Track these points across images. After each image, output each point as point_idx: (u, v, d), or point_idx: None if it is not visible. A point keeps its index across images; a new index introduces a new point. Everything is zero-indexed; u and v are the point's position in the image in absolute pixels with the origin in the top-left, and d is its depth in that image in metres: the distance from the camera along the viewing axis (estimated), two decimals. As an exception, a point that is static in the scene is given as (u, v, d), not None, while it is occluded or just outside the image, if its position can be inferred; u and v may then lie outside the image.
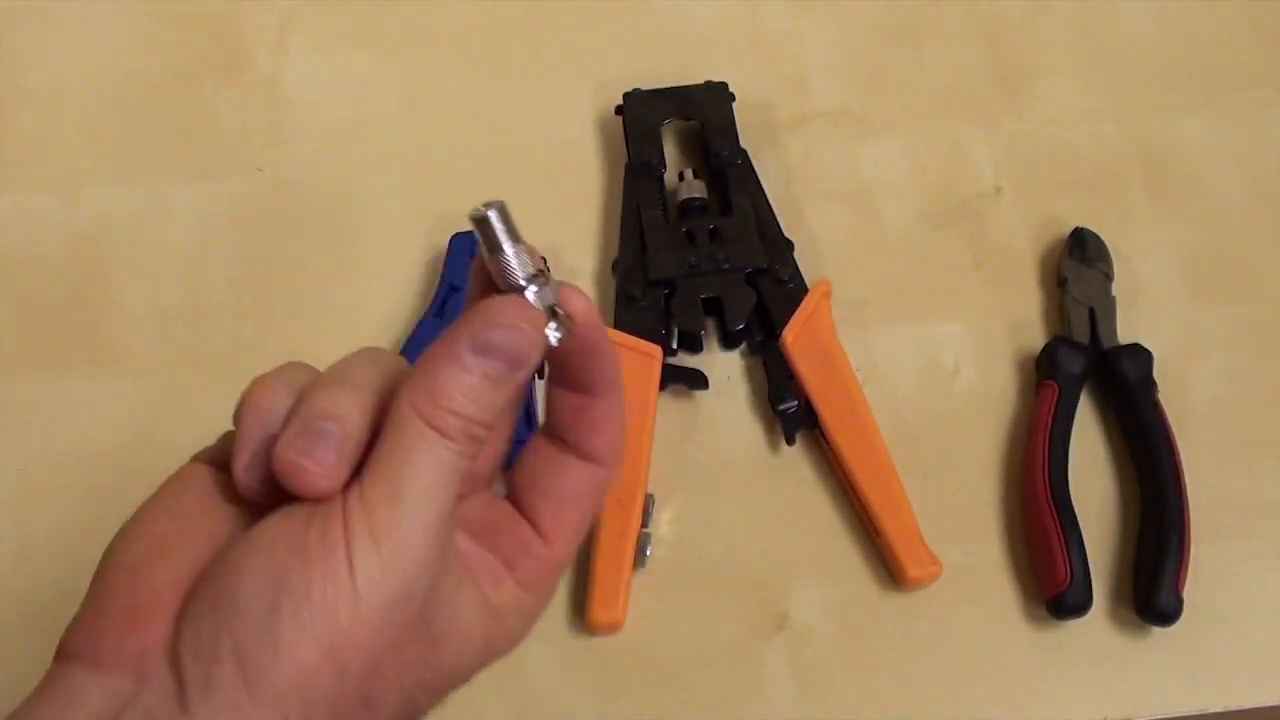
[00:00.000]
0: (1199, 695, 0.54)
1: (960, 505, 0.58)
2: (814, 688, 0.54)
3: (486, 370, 0.32)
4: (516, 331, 0.32)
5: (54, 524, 0.58)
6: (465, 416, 0.31)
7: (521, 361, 0.32)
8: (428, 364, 0.32)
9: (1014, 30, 0.72)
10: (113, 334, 0.62)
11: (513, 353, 0.32)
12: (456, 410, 0.31)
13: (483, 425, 0.32)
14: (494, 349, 0.32)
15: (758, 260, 0.61)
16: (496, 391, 0.32)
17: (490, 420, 0.32)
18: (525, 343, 0.32)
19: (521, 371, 0.32)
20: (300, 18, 0.71)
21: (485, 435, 0.32)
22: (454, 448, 0.31)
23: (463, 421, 0.31)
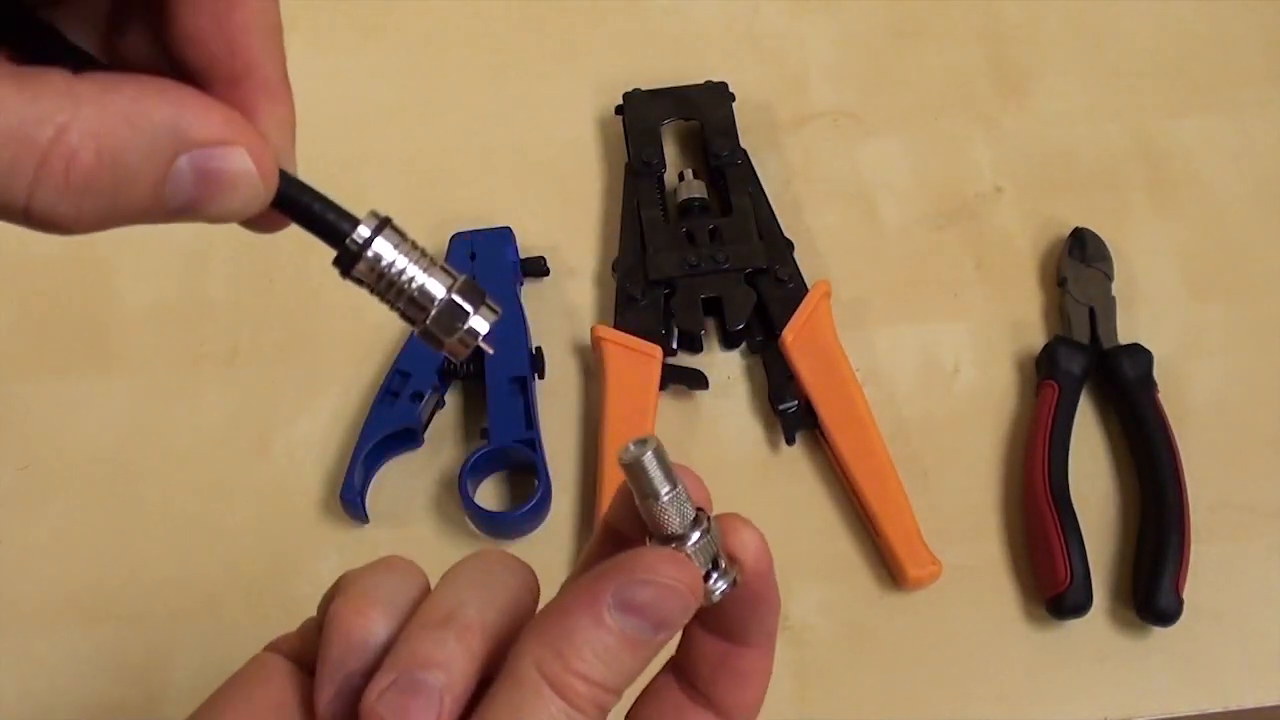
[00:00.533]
0: (1199, 695, 0.54)
1: (960, 505, 0.58)
2: (814, 688, 0.54)
3: (627, 631, 0.27)
4: (671, 592, 0.28)
5: (54, 524, 0.58)
6: (596, 683, 0.27)
7: (670, 625, 0.28)
8: (559, 615, 0.27)
9: (1014, 30, 0.72)
10: (113, 334, 0.62)
11: (663, 616, 0.27)
12: (587, 675, 0.27)
13: (614, 693, 0.27)
14: (642, 609, 0.27)
15: (758, 260, 0.61)
16: (635, 657, 0.27)
17: (622, 688, 0.28)
18: (679, 606, 0.28)
19: (666, 635, 0.28)
20: (300, 17, 0.71)
21: (613, 705, 0.28)
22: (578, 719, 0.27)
23: (593, 689, 0.27)
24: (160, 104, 0.23)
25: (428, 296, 0.28)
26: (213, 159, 0.24)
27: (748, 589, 0.30)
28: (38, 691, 0.54)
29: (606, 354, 0.59)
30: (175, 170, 0.24)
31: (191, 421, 0.59)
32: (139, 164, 0.23)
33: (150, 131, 0.23)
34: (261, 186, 0.25)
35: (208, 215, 0.25)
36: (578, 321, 0.63)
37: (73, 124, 0.22)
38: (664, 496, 0.29)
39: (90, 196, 0.23)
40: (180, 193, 0.24)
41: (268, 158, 0.25)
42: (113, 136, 0.23)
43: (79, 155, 0.22)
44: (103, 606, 0.56)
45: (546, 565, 0.56)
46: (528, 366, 0.59)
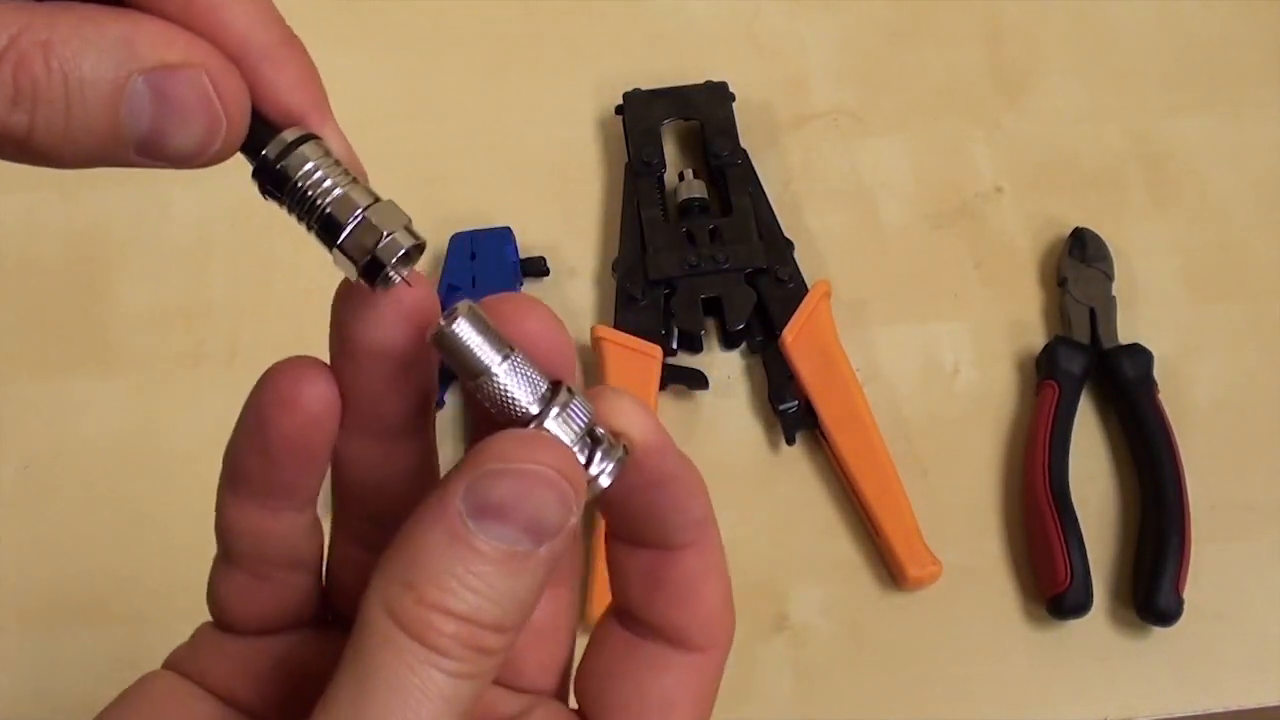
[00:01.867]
0: (1199, 695, 0.54)
1: (960, 505, 0.58)
2: (814, 688, 0.54)
3: (493, 544, 0.22)
4: (535, 480, 0.22)
5: (54, 524, 0.58)
6: (463, 617, 0.21)
7: (547, 526, 0.22)
8: (406, 538, 0.22)
9: (1014, 30, 0.72)
10: (113, 334, 0.62)
11: (533, 514, 0.22)
12: (450, 608, 0.21)
13: (496, 630, 0.22)
14: (503, 509, 0.22)
15: (758, 260, 0.61)
16: (515, 578, 0.22)
17: (509, 623, 0.22)
18: (550, 498, 0.22)
19: (548, 542, 0.22)
20: (299, 17, 0.71)
21: (505, 646, 0.22)
22: (453, 668, 0.21)
23: (462, 626, 0.21)
24: (115, 20, 0.22)
25: (345, 210, 0.25)
26: (169, 79, 0.22)
27: (646, 471, 0.25)
28: (38, 691, 0.54)
29: (606, 354, 0.59)
30: (131, 91, 0.22)
31: (191, 421, 0.59)
32: (91, 77, 0.21)
33: (101, 44, 0.21)
34: (223, 116, 0.23)
35: (173, 149, 0.23)
36: (578, 321, 0.63)
37: (22, 34, 0.21)
38: (495, 368, 0.23)
39: (43, 107, 0.21)
40: (139, 118, 0.22)
41: (235, 87, 0.23)
42: (63, 45, 0.21)
43: (27, 60, 0.21)
44: (103, 606, 0.56)
45: (546, 565, 0.56)
46: (528, 366, 0.59)
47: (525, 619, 0.23)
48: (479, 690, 0.22)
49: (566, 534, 0.23)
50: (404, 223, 0.26)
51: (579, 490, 0.23)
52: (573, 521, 0.23)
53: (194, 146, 0.23)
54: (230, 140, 0.23)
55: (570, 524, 0.23)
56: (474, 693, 0.22)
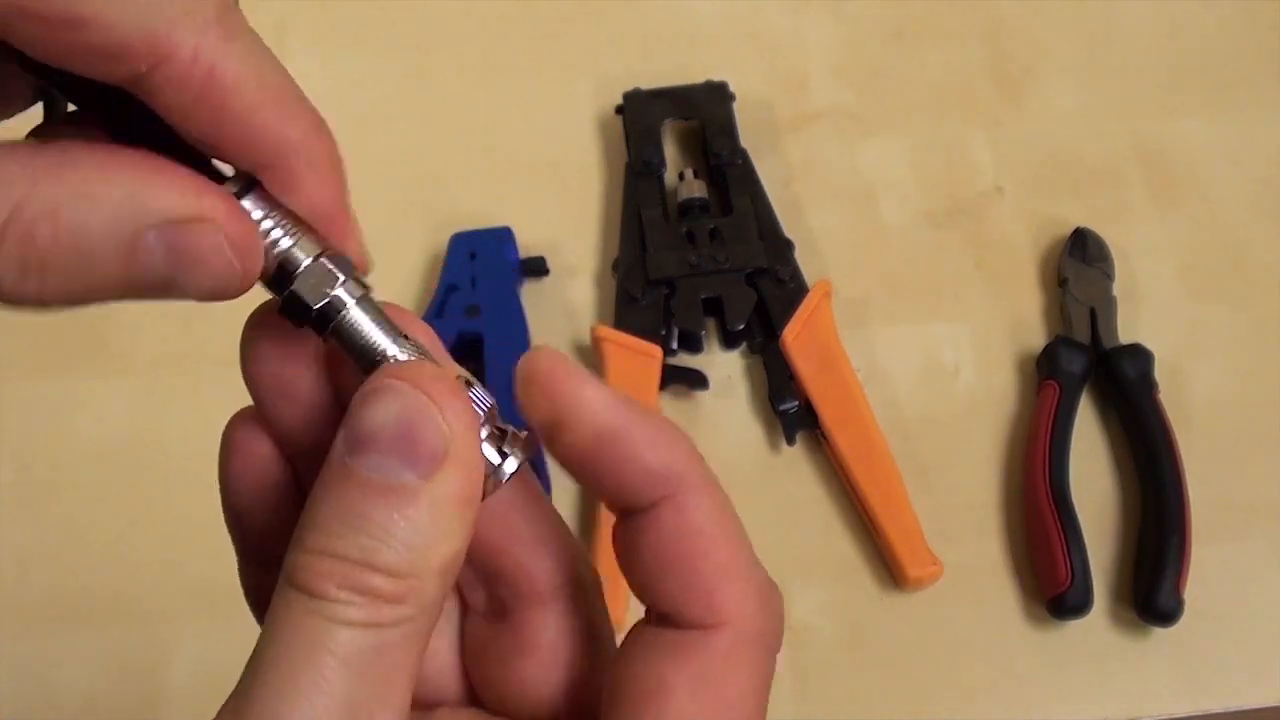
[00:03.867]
0: (1199, 695, 0.54)
1: (960, 505, 0.58)
2: (814, 688, 0.54)
3: (372, 479, 0.21)
4: (397, 397, 0.22)
5: (54, 524, 0.58)
6: (340, 556, 0.21)
7: (424, 449, 0.22)
8: (309, 496, 0.22)
9: (1014, 30, 0.72)
10: (113, 334, 0.62)
11: (400, 435, 0.22)
12: (325, 548, 0.21)
13: (381, 572, 0.21)
14: (374, 436, 0.22)
15: (758, 260, 0.61)
16: (404, 513, 0.21)
17: (400, 565, 0.21)
18: (419, 414, 0.22)
19: (441, 473, 0.22)
20: (299, 17, 0.71)
21: (408, 593, 0.21)
22: (339, 613, 0.21)
23: (338, 565, 0.21)
24: (122, 175, 0.21)
25: (292, 261, 0.24)
26: (181, 234, 0.22)
27: (579, 430, 0.24)
28: (38, 691, 0.54)
29: (606, 354, 0.59)
30: (145, 244, 0.22)
31: (191, 421, 0.59)
32: (101, 240, 0.21)
33: (110, 205, 0.21)
34: (237, 263, 0.22)
35: (190, 294, 0.23)
36: (578, 321, 0.63)
37: (28, 202, 0.20)
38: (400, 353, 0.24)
39: (53, 274, 0.21)
40: (154, 269, 0.22)
41: (245, 233, 0.23)
42: (70, 211, 0.21)
43: (35, 233, 0.20)
44: (103, 606, 0.56)
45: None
46: (528, 366, 0.59)
47: (433, 564, 0.22)
48: (390, 643, 0.21)
49: (461, 470, 0.22)
50: (351, 271, 0.25)
51: (455, 394, 0.23)
52: (450, 437, 0.22)
53: (209, 294, 0.23)
54: (245, 282, 0.23)
55: (451, 441, 0.22)
56: (377, 644, 0.21)
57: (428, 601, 0.22)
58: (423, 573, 0.22)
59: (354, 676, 0.21)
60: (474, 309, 0.60)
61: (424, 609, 0.22)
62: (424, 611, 0.22)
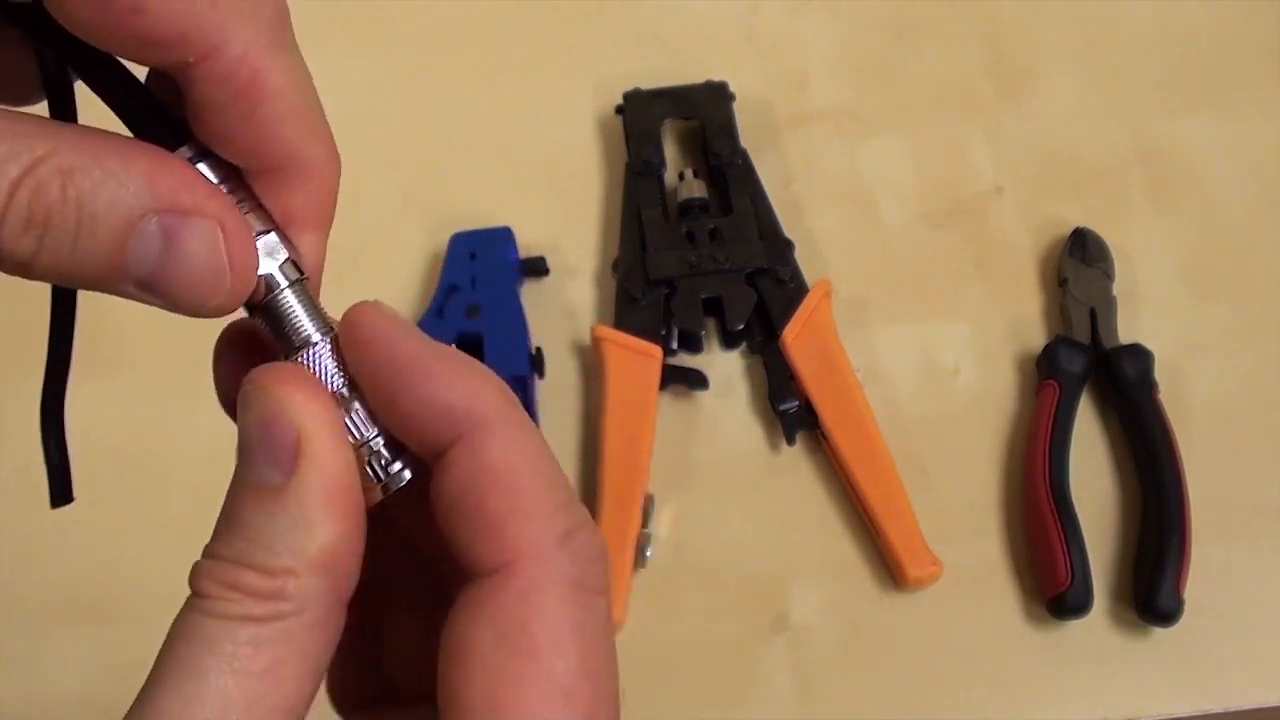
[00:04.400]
0: (1199, 695, 0.54)
1: (960, 505, 0.58)
2: (814, 688, 0.54)
3: (248, 482, 0.23)
4: (259, 398, 0.23)
5: (54, 524, 0.58)
6: (219, 557, 0.22)
7: (278, 448, 0.23)
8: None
9: (1014, 30, 0.72)
10: (113, 334, 0.62)
11: (262, 431, 0.23)
12: (211, 551, 0.23)
13: (264, 571, 0.22)
14: (244, 440, 0.23)
15: (758, 260, 0.61)
16: (271, 514, 0.22)
17: (279, 563, 0.22)
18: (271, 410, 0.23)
19: (301, 472, 0.23)
20: (299, 17, 0.71)
21: (280, 591, 0.22)
22: (209, 607, 0.22)
23: (223, 566, 0.22)
24: (138, 160, 0.22)
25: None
26: (182, 225, 0.22)
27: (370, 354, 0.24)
28: (38, 691, 0.54)
29: (606, 354, 0.59)
30: (143, 229, 0.22)
31: (192, 421, 0.59)
32: (105, 211, 0.22)
33: (122, 177, 0.22)
34: (228, 272, 0.23)
35: (173, 294, 0.23)
36: (578, 321, 0.63)
37: (47, 159, 0.21)
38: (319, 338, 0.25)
39: (51, 235, 0.21)
40: (145, 257, 0.22)
41: (244, 247, 0.23)
42: (83, 175, 0.21)
43: (46, 187, 0.21)
44: (103, 606, 0.56)
45: (546, 565, 0.56)
46: (528, 366, 0.59)
47: (306, 561, 0.22)
48: (269, 638, 0.22)
49: (319, 466, 0.22)
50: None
51: (304, 409, 0.23)
52: (312, 446, 0.22)
53: (193, 297, 0.23)
54: (231, 299, 0.23)
55: (307, 446, 0.22)
56: (253, 638, 0.22)
57: (307, 598, 0.22)
58: (297, 569, 0.22)
59: (228, 669, 0.22)
60: (474, 309, 0.60)
61: (304, 605, 0.22)
62: (305, 608, 0.22)
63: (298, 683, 0.22)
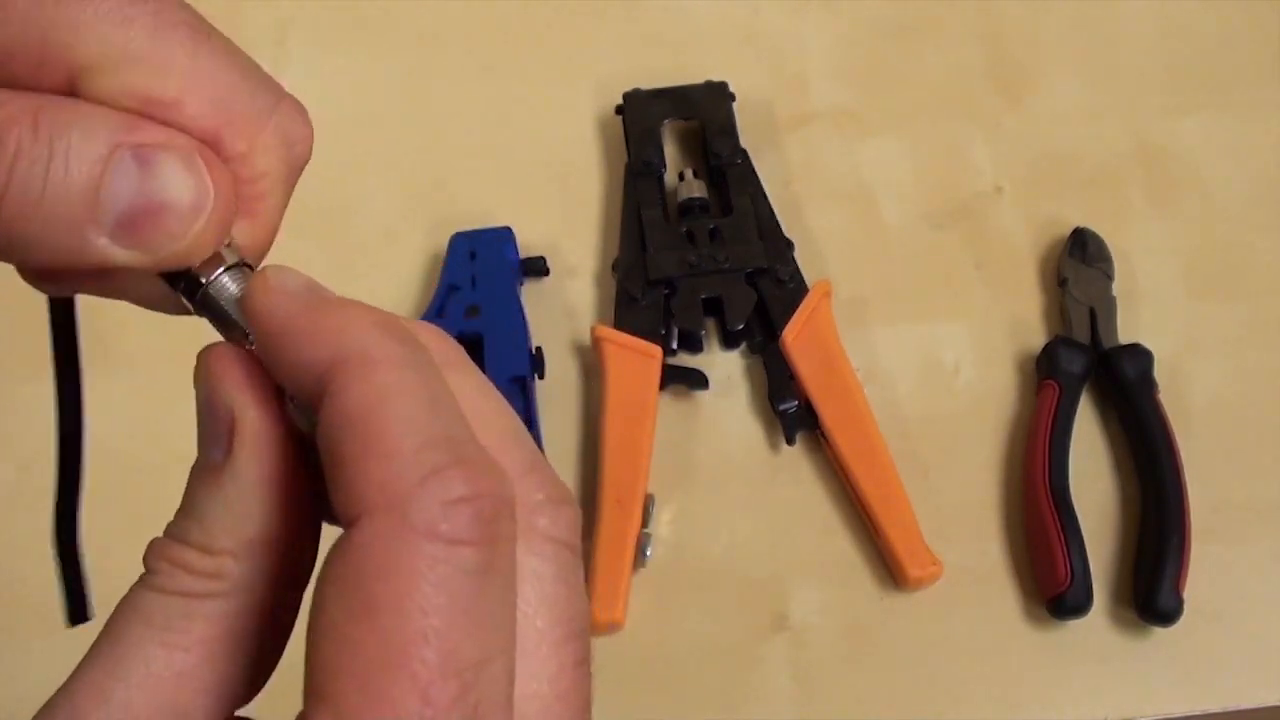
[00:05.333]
0: (1199, 695, 0.54)
1: (960, 505, 0.58)
2: (814, 688, 0.54)
3: (199, 458, 0.23)
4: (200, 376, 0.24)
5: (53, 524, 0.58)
6: (171, 536, 0.23)
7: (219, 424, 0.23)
8: None
9: (1014, 30, 0.72)
10: (113, 333, 0.62)
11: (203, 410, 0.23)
12: (168, 532, 0.23)
13: (202, 550, 0.22)
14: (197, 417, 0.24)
15: (758, 260, 0.61)
16: (211, 491, 0.23)
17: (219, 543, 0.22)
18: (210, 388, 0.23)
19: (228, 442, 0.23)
20: (300, 17, 0.71)
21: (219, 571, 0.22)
22: (149, 580, 0.23)
23: (168, 543, 0.23)
24: (112, 111, 0.22)
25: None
26: (158, 152, 0.21)
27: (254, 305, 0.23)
28: (37, 692, 0.54)
29: (606, 354, 0.59)
30: (117, 164, 0.21)
31: (191, 422, 0.59)
32: (78, 145, 0.21)
33: (93, 117, 0.21)
34: (211, 190, 0.22)
35: (150, 235, 0.22)
36: (578, 321, 0.63)
37: (13, 100, 0.21)
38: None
39: (21, 168, 0.20)
40: (121, 192, 0.21)
41: (224, 175, 0.22)
42: (55, 112, 0.21)
43: (14, 122, 0.20)
44: (103, 606, 0.56)
45: (546, 565, 0.56)
46: (528, 366, 0.59)
47: (240, 543, 0.22)
48: (201, 613, 0.22)
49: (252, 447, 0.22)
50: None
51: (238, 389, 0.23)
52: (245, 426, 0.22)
53: (175, 226, 0.22)
54: (215, 229, 0.23)
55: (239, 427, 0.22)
56: (185, 612, 0.22)
57: (244, 580, 0.22)
58: (236, 550, 0.22)
59: (158, 640, 0.22)
60: (474, 309, 0.60)
61: (240, 587, 0.22)
62: (242, 589, 0.22)
63: (228, 664, 0.22)
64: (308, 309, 0.22)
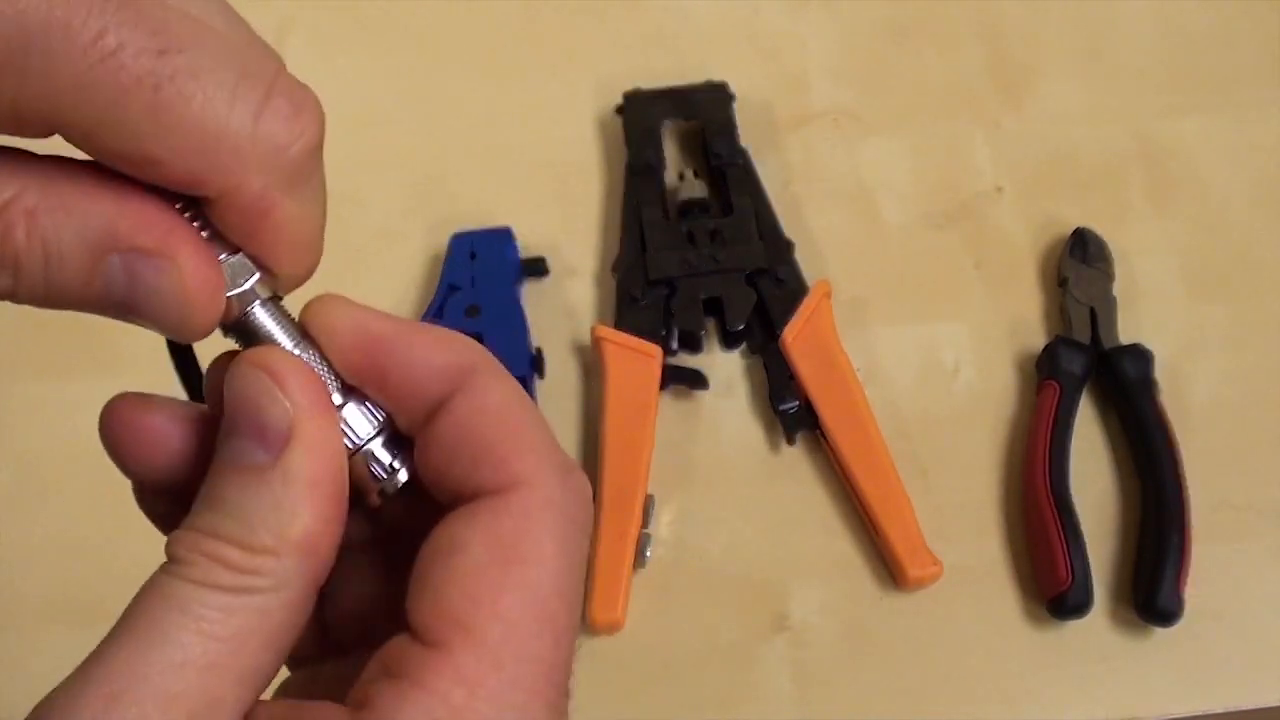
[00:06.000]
0: (1199, 695, 0.54)
1: (960, 505, 0.58)
2: (814, 688, 0.54)
3: (231, 461, 0.24)
4: (248, 377, 0.24)
5: (54, 524, 0.58)
6: (203, 530, 0.24)
7: (269, 429, 0.24)
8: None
9: (1014, 30, 0.72)
10: (113, 334, 0.62)
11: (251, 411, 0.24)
12: (195, 525, 0.24)
13: (242, 546, 0.23)
14: (233, 421, 0.24)
15: (758, 260, 0.61)
16: (254, 491, 0.23)
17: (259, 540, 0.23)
18: (262, 389, 0.24)
19: (290, 451, 0.24)
20: (300, 17, 0.71)
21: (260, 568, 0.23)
22: (183, 572, 0.23)
23: (202, 538, 0.23)
24: (102, 197, 0.23)
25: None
26: (141, 263, 0.23)
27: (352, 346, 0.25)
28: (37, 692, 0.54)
29: (606, 354, 0.59)
30: (108, 266, 0.23)
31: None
32: (69, 251, 0.23)
33: (84, 220, 0.23)
34: (194, 310, 0.24)
35: (148, 322, 0.24)
36: (578, 321, 0.63)
37: (13, 201, 0.22)
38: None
39: (23, 273, 0.23)
40: (115, 290, 0.23)
41: (205, 280, 0.24)
42: (47, 216, 0.22)
43: (12, 230, 0.22)
44: (102, 607, 0.56)
45: (546, 565, 0.56)
46: (528, 366, 0.59)
47: (287, 541, 0.23)
48: (240, 607, 0.23)
49: (309, 448, 0.23)
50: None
51: (300, 391, 0.24)
52: (304, 428, 0.23)
53: (168, 326, 0.24)
54: (202, 327, 0.24)
55: (298, 428, 0.23)
56: (224, 605, 0.23)
57: (284, 578, 0.23)
58: (278, 549, 0.23)
59: (194, 628, 0.22)
60: (474, 309, 0.60)
61: (279, 584, 0.23)
62: (280, 587, 0.23)
63: (260, 656, 0.23)
64: (414, 326, 0.26)
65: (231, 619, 0.23)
